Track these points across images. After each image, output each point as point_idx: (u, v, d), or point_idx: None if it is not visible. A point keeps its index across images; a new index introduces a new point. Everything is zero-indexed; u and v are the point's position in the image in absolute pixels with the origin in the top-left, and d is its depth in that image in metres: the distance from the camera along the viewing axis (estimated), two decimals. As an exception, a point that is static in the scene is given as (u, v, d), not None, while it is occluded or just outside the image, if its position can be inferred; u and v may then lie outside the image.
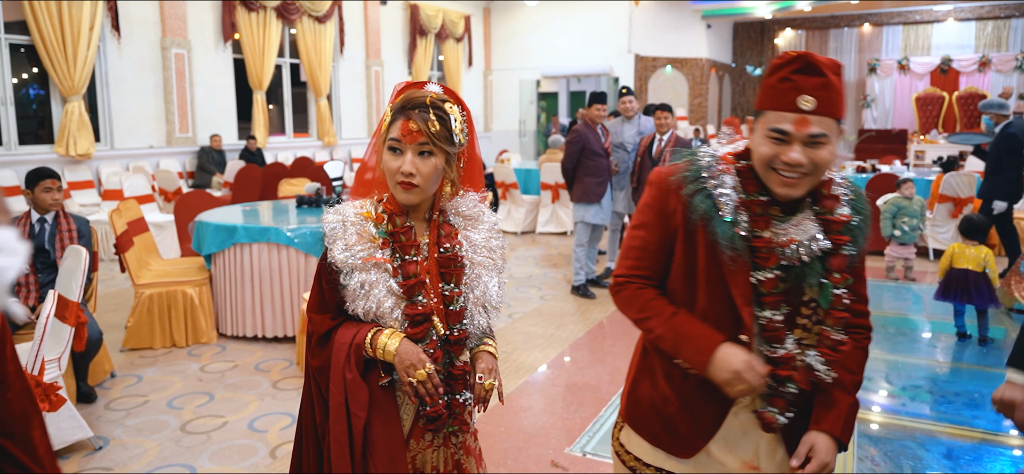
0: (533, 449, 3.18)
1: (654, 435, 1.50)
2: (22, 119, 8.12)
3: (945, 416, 3.60)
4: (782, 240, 1.35)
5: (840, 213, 1.36)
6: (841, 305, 1.37)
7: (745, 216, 1.34)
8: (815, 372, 1.38)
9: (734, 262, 1.34)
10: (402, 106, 1.45)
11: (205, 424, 3.47)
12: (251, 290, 4.53)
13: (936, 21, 15.86)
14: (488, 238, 1.55)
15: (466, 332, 1.51)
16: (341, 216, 1.49)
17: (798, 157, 1.27)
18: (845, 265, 1.36)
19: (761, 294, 1.36)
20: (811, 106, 1.26)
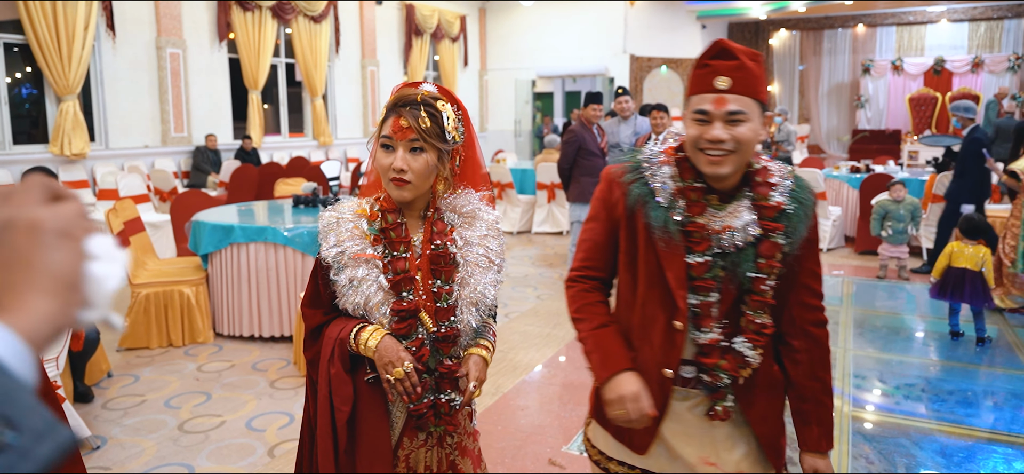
0: (531, 448, 3.19)
1: (617, 430, 1.54)
2: (15, 118, 8.09)
3: (939, 415, 3.63)
4: (717, 227, 1.39)
5: (774, 200, 1.40)
6: (760, 289, 1.41)
7: (681, 203, 1.41)
8: (744, 358, 1.41)
9: (668, 246, 1.40)
10: (394, 104, 1.48)
11: (203, 423, 3.47)
12: (248, 290, 4.53)
13: (929, 22, 15.94)
14: (485, 237, 1.54)
15: (455, 330, 1.50)
16: (337, 214, 1.51)
17: (719, 133, 1.33)
18: (775, 252, 1.40)
19: (693, 278, 1.40)
20: (726, 85, 1.34)
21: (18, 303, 0.47)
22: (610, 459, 1.57)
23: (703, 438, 1.49)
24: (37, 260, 0.48)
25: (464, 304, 1.51)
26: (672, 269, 1.40)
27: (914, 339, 4.99)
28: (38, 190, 0.51)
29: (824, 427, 1.50)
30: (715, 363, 1.42)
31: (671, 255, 1.40)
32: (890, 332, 5.09)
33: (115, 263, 0.52)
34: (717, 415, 1.45)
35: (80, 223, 0.51)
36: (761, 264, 1.40)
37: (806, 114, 17.52)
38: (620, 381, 1.42)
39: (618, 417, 1.42)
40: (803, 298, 1.48)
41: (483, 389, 1.61)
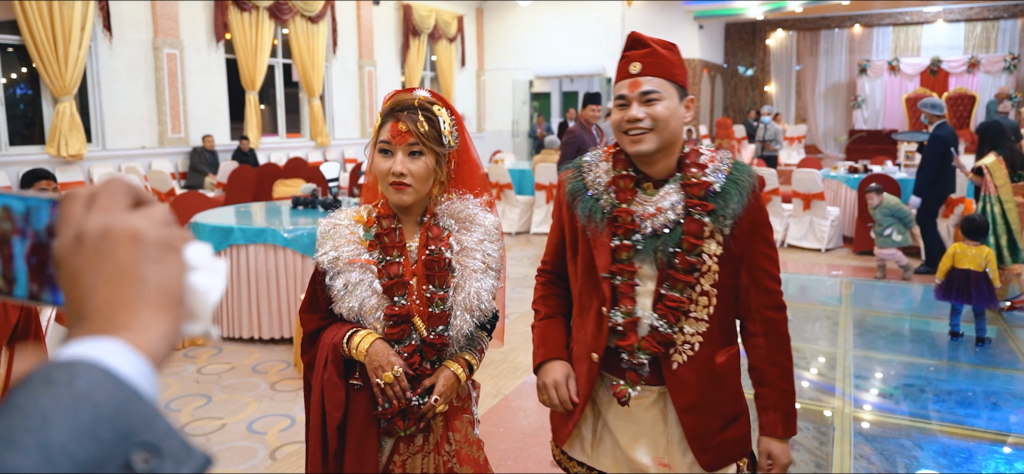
0: (533, 450, 3.18)
1: (555, 426, 1.63)
2: (10, 119, 8.05)
3: (940, 415, 3.63)
4: (649, 210, 1.45)
5: (704, 178, 1.45)
6: (688, 268, 1.44)
7: (612, 192, 1.49)
8: (657, 330, 1.46)
9: (594, 235, 1.49)
10: (391, 109, 1.49)
11: (204, 426, 3.46)
12: (248, 291, 4.52)
13: (926, 22, 15.99)
14: (482, 241, 1.53)
15: (445, 338, 1.49)
16: (334, 221, 1.54)
17: (635, 113, 1.42)
18: (700, 229, 1.43)
19: (616, 261, 1.47)
20: (638, 69, 1.44)
21: (135, 321, 0.44)
22: (570, 459, 1.62)
23: (657, 439, 1.51)
24: (145, 273, 0.45)
25: (458, 309, 1.49)
26: (600, 256, 1.48)
27: (914, 339, 5.00)
28: (123, 194, 0.48)
29: (781, 412, 1.51)
30: (631, 344, 1.46)
31: (599, 243, 1.48)
32: (889, 332, 5.10)
33: (216, 273, 0.50)
34: (619, 392, 1.48)
35: (177, 231, 0.49)
36: (685, 241, 1.43)
37: (803, 114, 17.55)
38: (547, 368, 1.55)
39: (544, 401, 1.54)
40: (760, 281, 1.50)
41: (484, 391, 1.62)
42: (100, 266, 0.45)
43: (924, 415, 3.65)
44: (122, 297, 0.44)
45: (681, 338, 1.46)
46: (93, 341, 0.42)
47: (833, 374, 4.15)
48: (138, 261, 0.45)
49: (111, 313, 0.44)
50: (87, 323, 0.44)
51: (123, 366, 0.41)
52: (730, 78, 17.68)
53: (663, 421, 1.50)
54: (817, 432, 3.46)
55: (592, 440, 1.58)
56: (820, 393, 3.94)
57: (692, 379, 1.46)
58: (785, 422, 1.51)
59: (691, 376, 1.46)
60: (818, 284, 6.30)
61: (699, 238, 1.43)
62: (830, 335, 4.89)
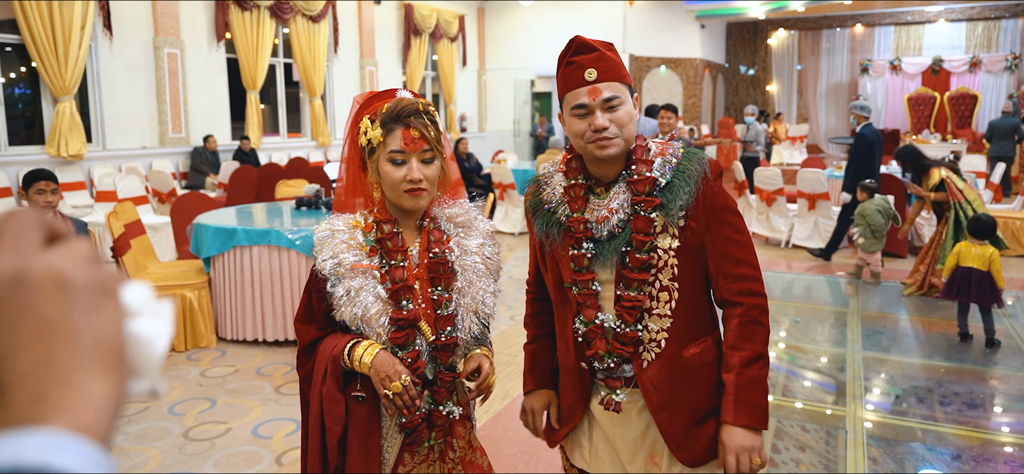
0: (542, 454, 3.14)
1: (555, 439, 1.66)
2: (9, 119, 7.99)
3: (951, 418, 3.59)
4: (601, 214, 1.44)
5: (645, 175, 1.42)
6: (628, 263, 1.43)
7: (566, 205, 1.48)
8: (615, 332, 1.45)
9: (554, 248, 1.50)
10: (397, 116, 1.45)
11: (208, 431, 3.41)
12: (251, 293, 4.47)
13: (927, 22, 15.97)
14: (482, 245, 1.55)
15: (454, 338, 1.48)
16: (331, 227, 1.50)
17: (602, 121, 1.39)
18: (648, 226, 1.41)
19: (575, 271, 1.47)
20: (594, 76, 1.40)
21: (71, 393, 0.35)
22: (573, 466, 1.66)
23: (648, 440, 1.51)
24: (77, 327, 0.36)
25: (464, 312, 1.50)
26: (565, 268, 1.49)
27: (923, 341, 4.96)
28: (33, 228, 0.38)
29: (739, 397, 1.40)
30: (596, 352, 1.46)
31: (561, 255, 1.49)
32: (898, 334, 5.06)
33: (161, 318, 0.41)
34: (604, 404, 1.48)
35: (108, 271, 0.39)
36: (634, 238, 1.42)
37: (804, 114, 17.52)
38: (528, 399, 1.65)
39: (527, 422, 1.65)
40: (725, 269, 1.45)
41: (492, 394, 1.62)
42: (16, 323, 0.36)
43: (936, 418, 3.61)
44: (51, 360, 0.35)
45: (647, 336, 1.44)
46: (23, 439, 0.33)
47: (843, 376, 4.11)
48: (67, 312, 0.36)
49: (40, 385, 0.35)
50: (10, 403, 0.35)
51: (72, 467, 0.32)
52: (731, 77, 17.64)
53: (652, 422, 1.49)
54: (826, 434, 3.43)
55: (590, 447, 1.59)
56: (830, 395, 3.90)
57: (662, 377, 1.44)
58: (738, 408, 1.39)
59: (661, 374, 1.44)
60: (824, 285, 6.26)
61: (648, 234, 1.41)
62: (838, 337, 4.85)
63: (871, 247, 6.01)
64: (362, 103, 1.52)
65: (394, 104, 1.46)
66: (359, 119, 1.51)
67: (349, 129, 1.55)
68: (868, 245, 6.01)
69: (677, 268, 1.43)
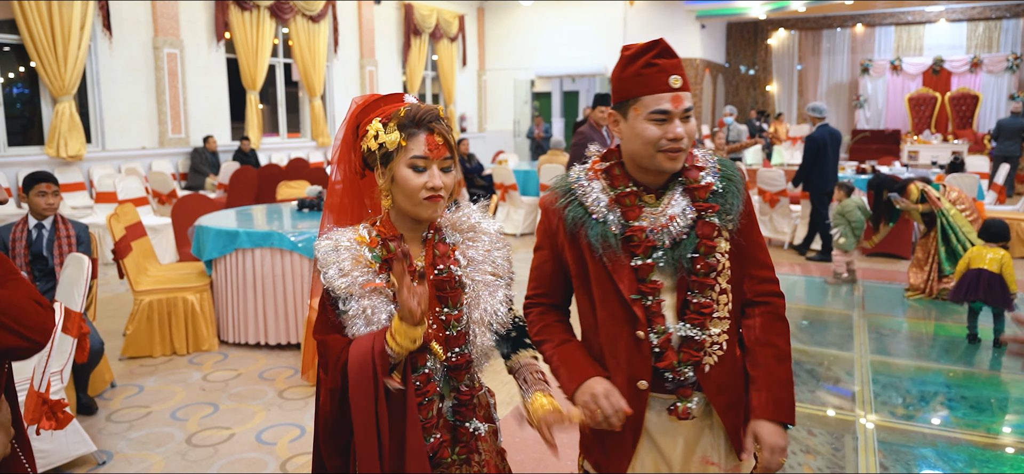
0: (552, 461, 3.10)
1: (598, 462, 1.53)
2: (8, 120, 7.94)
3: (962, 421, 3.56)
4: (662, 222, 1.42)
5: (705, 181, 1.44)
6: (698, 269, 1.42)
7: (617, 212, 1.43)
8: (693, 340, 1.42)
9: (612, 259, 1.42)
10: (419, 121, 1.39)
11: (211, 436, 3.37)
12: (253, 296, 4.43)
13: (928, 22, 15.94)
14: (489, 252, 1.49)
15: (466, 357, 1.44)
16: (334, 241, 1.41)
17: (681, 131, 1.38)
18: (712, 231, 1.42)
19: (640, 282, 1.42)
20: (679, 83, 1.38)
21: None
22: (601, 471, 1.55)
23: (703, 441, 1.50)
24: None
25: (475, 327, 1.44)
26: (623, 280, 1.42)
27: (932, 344, 4.93)
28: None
29: (774, 394, 1.44)
30: (671, 363, 1.42)
31: (618, 267, 1.42)
32: (906, 337, 5.03)
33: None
34: (675, 413, 1.45)
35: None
36: (701, 244, 1.42)
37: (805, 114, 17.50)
38: (589, 383, 1.42)
39: (591, 418, 1.39)
40: (751, 271, 1.50)
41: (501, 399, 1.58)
42: None
43: (946, 422, 3.58)
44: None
45: (709, 340, 1.44)
46: None
47: (851, 380, 4.08)
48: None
49: None
50: None
51: None
52: (732, 77, 17.62)
53: (708, 424, 1.49)
54: (833, 438, 3.40)
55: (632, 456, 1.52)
56: (839, 399, 3.87)
57: (724, 378, 1.45)
58: (776, 405, 1.43)
59: (724, 375, 1.45)
60: (832, 287, 6.23)
61: (713, 239, 1.43)
62: (846, 340, 4.81)
63: (851, 246, 6.10)
64: (362, 106, 1.45)
65: (415, 108, 1.40)
66: (359, 122, 1.45)
67: (345, 132, 1.47)
68: (849, 244, 6.10)
69: (731, 271, 1.46)
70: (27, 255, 3.57)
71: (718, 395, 1.45)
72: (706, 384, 1.45)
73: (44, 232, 3.63)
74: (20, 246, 3.57)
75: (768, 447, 1.42)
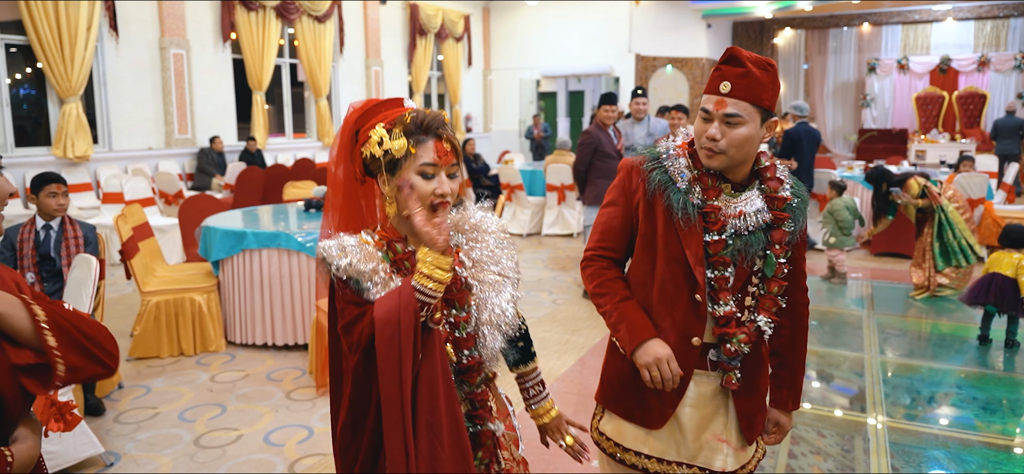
0: (559, 463, 3.09)
1: (628, 410, 1.67)
2: (16, 121, 7.96)
3: (974, 423, 3.53)
4: (731, 211, 1.55)
5: (782, 193, 1.58)
6: (782, 273, 1.60)
7: (698, 189, 1.56)
8: (761, 331, 1.61)
9: (687, 225, 1.54)
10: (427, 127, 1.37)
11: (219, 438, 3.36)
12: (261, 297, 4.43)
13: (935, 21, 15.85)
14: (494, 252, 1.47)
15: (477, 359, 1.42)
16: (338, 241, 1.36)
17: (714, 132, 1.51)
18: (786, 238, 1.58)
19: (710, 255, 1.55)
20: (727, 89, 1.49)
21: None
22: (627, 450, 1.69)
23: (718, 419, 1.65)
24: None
25: (484, 328, 1.43)
26: (691, 247, 1.55)
27: (941, 345, 4.90)
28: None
29: (793, 390, 1.74)
30: (734, 333, 1.57)
31: (690, 234, 1.55)
32: (916, 336, 4.99)
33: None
34: (729, 383, 1.61)
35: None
36: (775, 249, 1.57)
37: (811, 113, 17.42)
38: (652, 345, 1.57)
39: (652, 379, 1.56)
40: (796, 281, 1.67)
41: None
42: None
43: (957, 423, 3.54)
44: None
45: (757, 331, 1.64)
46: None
47: (861, 381, 4.05)
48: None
49: None
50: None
51: None
52: (737, 77, 17.55)
53: (724, 404, 1.65)
54: (843, 440, 3.37)
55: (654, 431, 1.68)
56: (847, 401, 3.84)
57: (752, 367, 1.65)
58: (794, 398, 1.75)
59: (751, 364, 1.64)
60: (838, 287, 6.19)
61: (785, 245, 1.59)
62: (855, 341, 4.78)
63: (842, 244, 6.13)
64: (361, 111, 1.41)
65: (421, 115, 1.38)
66: (357, 127, 1.41)
67: (342, 139, 1.43)
68: (839, 242, 6.13)
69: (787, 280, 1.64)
70: (35, 256, 3.57)
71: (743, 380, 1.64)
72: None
73: (51, 233, 3.63)
74: (28, 247, 3.57)
75: (784, 432, 1.78)
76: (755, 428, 1.68)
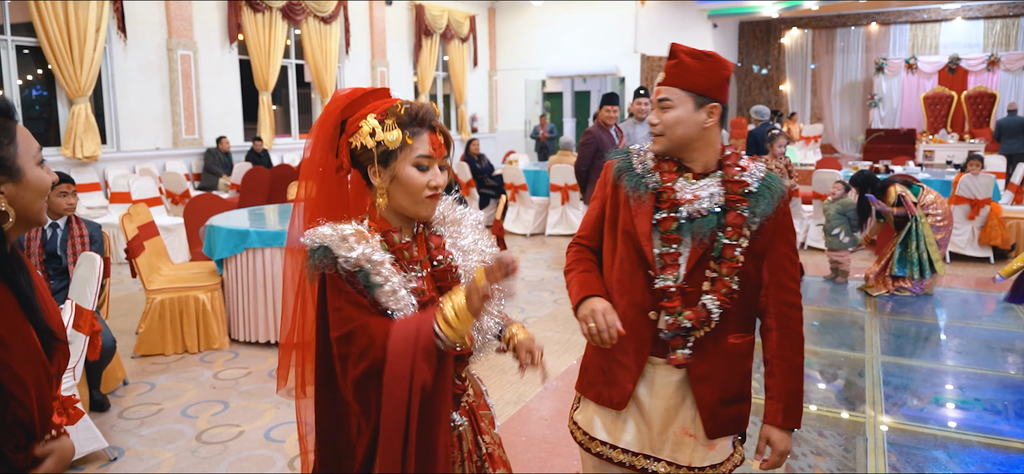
0: (556, 459, 3.11)
1: (598, 393, 1.70)
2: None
3: (974, 425, 3.52)
4: (686, 196, 1.61)
5: (743, 178, 1.61)
6: (731, 256, 1.59)
7: (657, 175, 1.65)
8: (710, 312, 1.59)
9: (638, 204, 1.63)
10: (422, 119, 1.38)
11: (221, 433, 3.40)
12: (263, 295, 4.47)
13: (944, 20, 15.75)
14: (476, 241, 1.51)
15: (469, 348, 1.43)
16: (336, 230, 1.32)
17: (652, 118, 1.65)
18: (740, 222, 1.58)
19: (660, 232, 1.62)
20: (661, 78, 1.65)
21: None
22: (593, 439, 1.72)
23: (684, 413, 1.66)
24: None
25: None
26: (640, 223, 1.62)
27: (944, 345, 4.88)
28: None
29: (785, 403, 1.63)
30: (676, 306, 1.59)
31: (641, 211, 1.63)
32: (918, 338, 4.98)
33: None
34: (675, 360, 1.62)
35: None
36: (728, 232, 1.59)
37: (818, 113, 17.35)
38: (591, 300, 1.62)
39: (590, 333, 1.57)
40: (780, 279, 1.64)
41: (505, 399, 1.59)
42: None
43: (958, 424, 3.54)
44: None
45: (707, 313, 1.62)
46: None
47: (862, 382, 4.05)
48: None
49: None
50: None
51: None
52: (744, 77, 17.51)
53: (690, 397, 1.66)
54: (844, 440, 3.37)
55: (615, 418, 1.70)
56: (848, 401, 3.84)
57: (709, 354, 1.63)
58: (786, 413, 1.63)
59: (706, 350, 1.63)
60: (842, 288, 6.18)
61: (739, 229, 1.59)
62: (857, 341, 4.77)
63: (853, 243, 6.15)
64: (348, 100, 1.39)
65: (414, 106, 1.38)
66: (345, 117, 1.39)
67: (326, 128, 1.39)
68: (829, 243, 6.18)
69: (741, 264, 1.60)
70: (41, 254, 3.63)
71: (697, 364, 1.63)
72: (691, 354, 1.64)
73: (58, 231, 3.68)
74: (35, 245, 3.62)
75: (778, 452, 1.64)
76: (719, 423, 1.64)
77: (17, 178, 1.14)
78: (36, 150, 1.18)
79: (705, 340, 1.62)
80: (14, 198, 1.14)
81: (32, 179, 1.16)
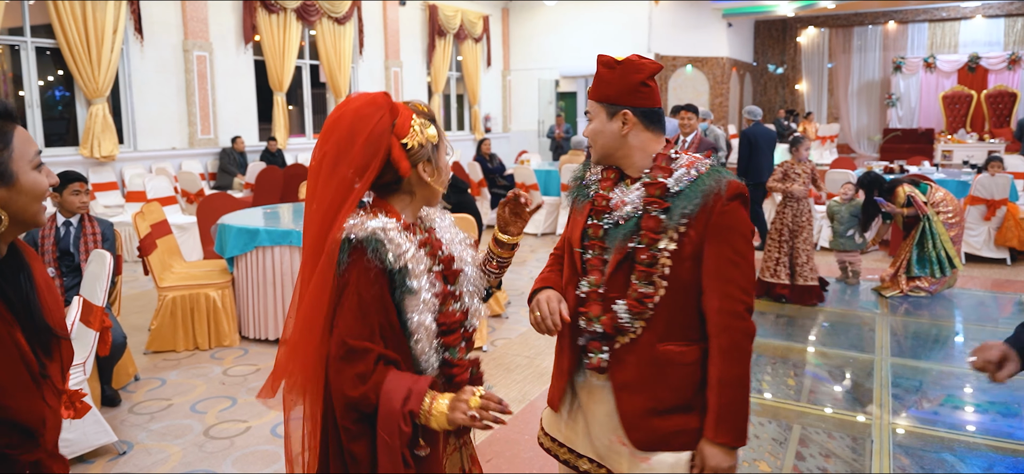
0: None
1: (552, 395, 1.74)
2: (49, 121, 8.21)
3: (984, 427, 3.48)
4: (615, 201, 1.62)
5: (658, 180, 1.58)
6: (645, 259, 1.54)
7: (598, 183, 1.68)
8: (619, 319, 1.56)
9: (576, 212, 1.69)
10: (432, 116, 1.47)
11: (228, 429, 3.45)
12: (273, 293, 4.52)
13: (963, 18, 15.53)
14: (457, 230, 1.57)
15: (471, 332, 1.50)
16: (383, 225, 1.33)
17: (585, 129, 1.69)
18: (654, 225, 1.54)
19: (585, 238, 1.64)
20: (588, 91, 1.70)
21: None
22: (545, 434, 1.77)
23: (614, 420, 1.61)
24: None
25: (469, 297, 1.51)
26: (574, 231, 1.67)
27: (953, 347, 4.82)
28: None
29: (715, 416, 1.51)
30: (588, 312, 1.60)
31: (576, 220, 1.68)
32: (927, 340, 4.92)
33: None
34: (590, 365, 1.62)
35: None
36: (644, 236, 1.55)
37: (835, 113, 17.18)
38: (540, 292, 1.66)
39: (534, 321, 1.61)
40: (716, 285, 1.53)
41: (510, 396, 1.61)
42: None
43: (967, 427, 3.50)
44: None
45: (626, 321, 1.58)
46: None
47: (870, 383, 4.01)
48: None
49: None
50: None
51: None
52: (759, 77, 17.37)
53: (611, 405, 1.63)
54: (853, 442, 3.34)
55: (569, 420, 1.72)
56: (857, 403, 3.81)
57: (633, 363, 1.57)
58: (718, 427, 1.50)
59: (630, 357, 1.57)
60: (854, 289, 6.12)
61: (656, 233, 1.54)
62: (867, 342, 4.73)
63: (864, 245, 6.13)
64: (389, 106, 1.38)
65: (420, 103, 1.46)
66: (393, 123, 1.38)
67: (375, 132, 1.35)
68: (835, 244, 6.18)
69: (668, 269, 1.53)
70: (55, 251, 3.70)
71: (617, 372, 1.58)
72: (611, 359, 1.60)
73: (71, 229, 3.75)
74: (48, 243, 3.69)
75: (709, 468, 1.52)
76: (649, 435, 1.55)
77: (10, 183, 1.14)
78: (33, 154, 1.18)
79: (630, 347, 1.56)
80: (7, 202, 1.14)
81: (26, 184, 1.16)
